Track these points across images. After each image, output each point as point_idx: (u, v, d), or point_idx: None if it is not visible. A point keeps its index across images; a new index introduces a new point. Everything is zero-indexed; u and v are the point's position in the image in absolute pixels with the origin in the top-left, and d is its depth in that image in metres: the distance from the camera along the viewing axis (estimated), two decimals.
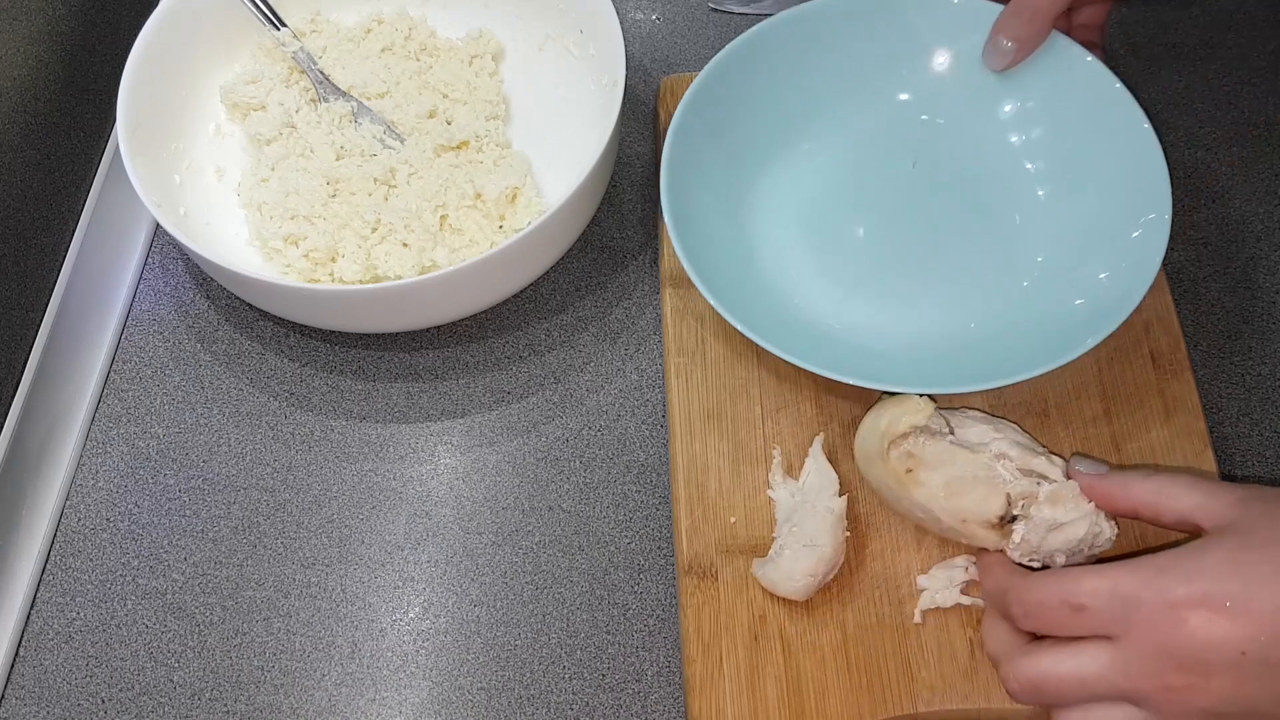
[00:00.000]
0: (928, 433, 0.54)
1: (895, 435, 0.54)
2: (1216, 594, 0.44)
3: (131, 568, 0.62)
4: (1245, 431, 0.63)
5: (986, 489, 0.53)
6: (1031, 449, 0.54)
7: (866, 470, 0.57)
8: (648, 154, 0.74)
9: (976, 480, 0.53)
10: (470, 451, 0.64)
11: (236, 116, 0.73)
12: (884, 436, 0.55)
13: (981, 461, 0.54)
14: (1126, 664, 0.46)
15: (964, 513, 0.53)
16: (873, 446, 0.55)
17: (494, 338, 0.68)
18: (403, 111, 0.71)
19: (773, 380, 0.62)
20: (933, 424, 0.55)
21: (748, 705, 0.54)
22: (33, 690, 0.59)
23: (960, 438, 0.55)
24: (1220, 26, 0.77)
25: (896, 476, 0.54)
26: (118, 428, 0.66)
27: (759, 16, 0.67)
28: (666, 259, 0.67)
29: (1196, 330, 0.65)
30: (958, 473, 0.54)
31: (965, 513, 0.53)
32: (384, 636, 0.59)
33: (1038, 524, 0.52)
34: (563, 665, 0.58)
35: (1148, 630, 0.45)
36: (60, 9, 0.69)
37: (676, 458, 0.60)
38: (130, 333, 0.69)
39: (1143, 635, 0.45)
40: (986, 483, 0.53)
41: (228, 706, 0.58)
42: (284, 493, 0.63)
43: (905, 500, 0.55)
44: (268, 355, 0.68)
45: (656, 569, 0.60)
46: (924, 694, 0.54)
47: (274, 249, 0.67)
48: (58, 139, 0.68)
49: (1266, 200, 0.70)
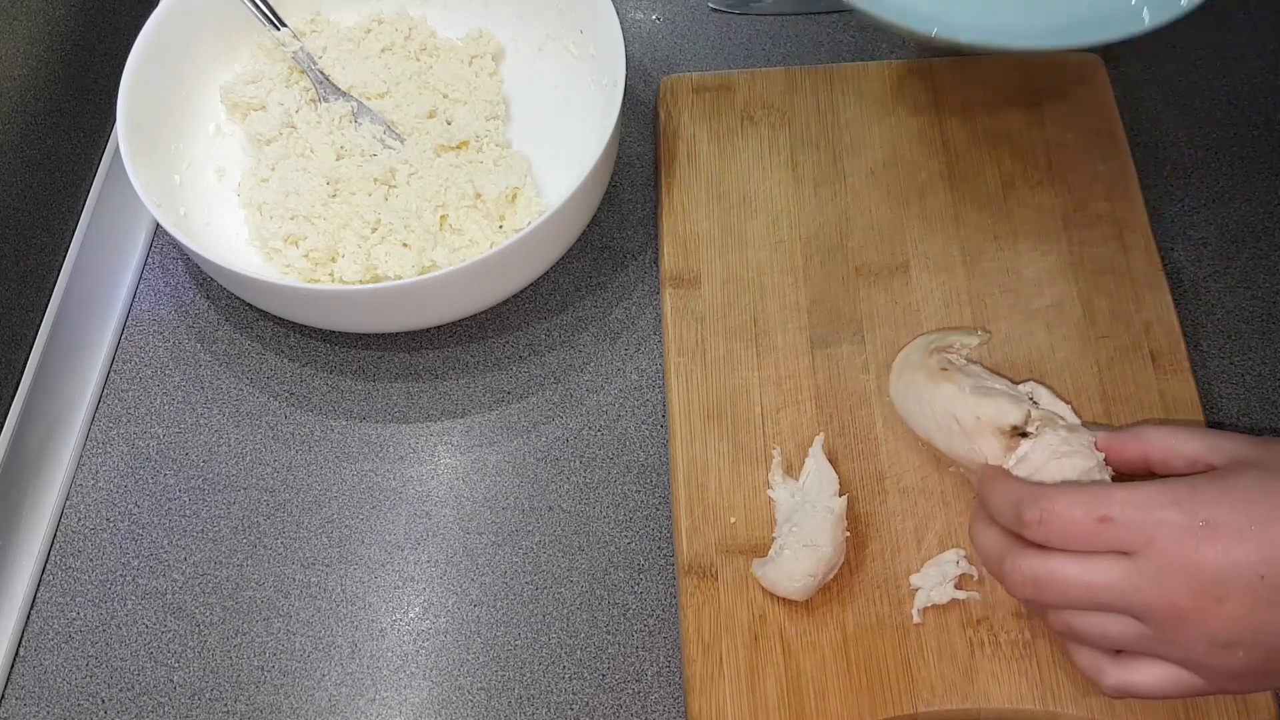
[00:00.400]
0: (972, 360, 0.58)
1: (943, 345, 0.58)
2: (1241, 518, 0.45)
3: (131, 568, 0.62)
4: (1245, 431, 0.63)
5: (1011, 400, 0.55)
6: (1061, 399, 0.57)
7: (898, 377, 0.59)
8: (648, 154, 0.74)
9: (1003, 393, 0.55)
10: (470, 451, 0.64)
11: (236, 116, 0.73)
12: (930, 344, 0.58)
13: (1013, 386, 0.57)
14: (1140, 579, 0.46)
15: (982, 410, 0.54)
16: (915, 353, 0.58)
17: (494, 338, 0.68)
18: (403, 111, 0.71)
19: (773, 380, 0.62)
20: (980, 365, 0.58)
21: (748, 705, 0.54)
22: (33, 690, 0.58)
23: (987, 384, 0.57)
24: (1220, 26, 0.77)
25: (930, 372, 0.56)
26: (118, 428, 0.66)
27: (759, 16, 0.67)
28: (666, 259, 0.67)
29: (1196, 330, 0.65)
30: (988, 384, 0.56)
31: (983, 411, 0.54)
32: (384, 636, 0.59)
33: (1045, 445, 0.53)
34: (563, 665, 0.58)
35: (1169, 548, 0.45)
36: (60, 9, 0.69)
37: (676, 458, 0.60)
38: (130, 333, 0.69)
39: (1162, 553, 0.45)
40: (1012, 398, 0.55)
41: (228, 706, 0.58)
42: (284, 493, 0.63)
43: (928, 396, 0.56)
44: (268, 355, 0.68)
45: (656, 569, 0.60)
46: (924, 694, 0.54)
47: (274, 249, 0.67)
48: (58, 139, 0.68)
49: (1266, 200, 0.70)
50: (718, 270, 0.66)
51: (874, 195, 0.68)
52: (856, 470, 0.59)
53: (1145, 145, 0.72)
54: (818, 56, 0.77)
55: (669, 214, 0.68)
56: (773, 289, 0.65)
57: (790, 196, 0.68)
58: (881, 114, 0.71)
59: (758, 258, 0.66)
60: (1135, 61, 0.75)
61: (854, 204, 0.68)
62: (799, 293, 0.65)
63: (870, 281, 0.65)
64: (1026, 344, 0.62)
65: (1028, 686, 0.54)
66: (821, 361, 0.63)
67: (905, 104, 0.71)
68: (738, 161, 0.70)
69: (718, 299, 0.65)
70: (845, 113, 0.71)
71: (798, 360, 0.63)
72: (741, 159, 0.70)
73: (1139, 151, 0.71)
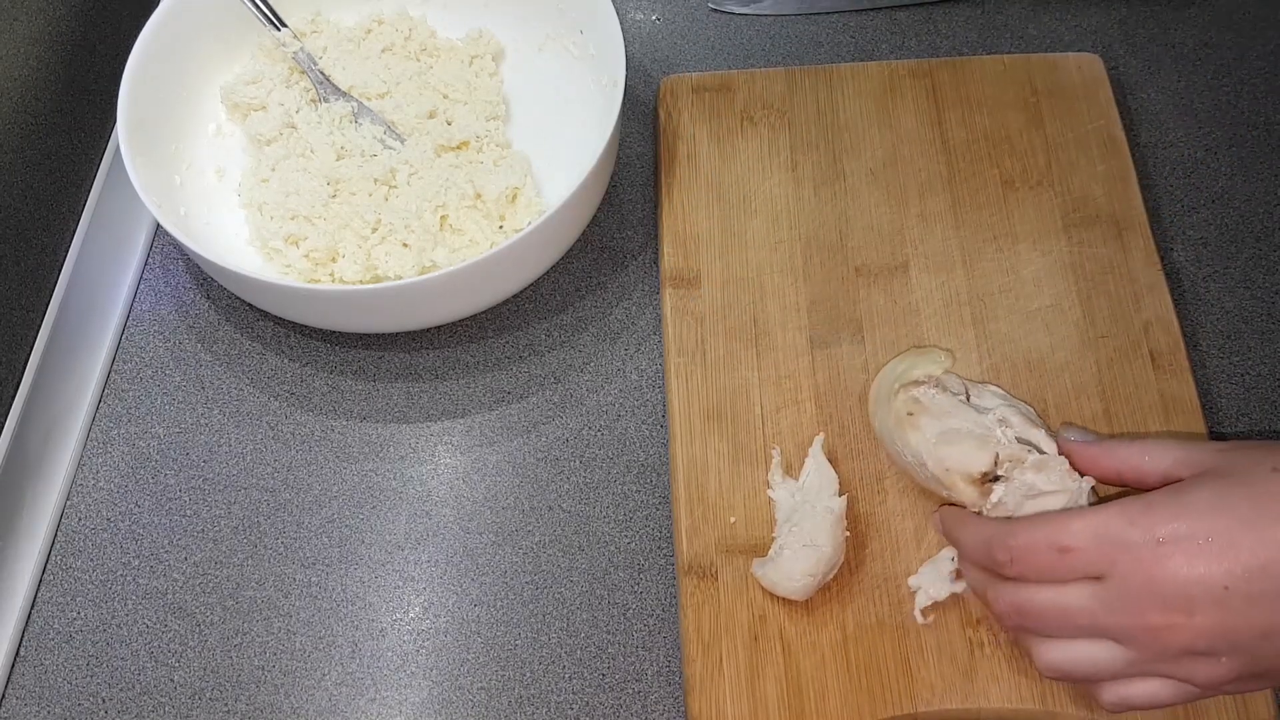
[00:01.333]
0: (940, 387, 0.56)
1: (908, 380, 0.56)
2: (1200, 531, 0.45)
3: (131, 568, 0.62)
4: (1245, 431, 0.63)
5: (977, 444, 0.54)
6: (1035, 423, 0.55)
7: (874, 412, 0.59)
8: (648, 154, 0.74)
9: (970, 435, 0.55)
10: (470, 451, 0.64)
11: (237, 117, 0.73)
12: (898, 379, 0.57)
13: (981, 421, 0.55)
14: (1110, 601, 0.46)
15: (949, 462, 0.54)
16: (885, 388, 0.58)
17: (494, 338, 0.68)
18: (403, 112, 0.71)
19: (773, 380, 0.62)
20: (950, 384, 0.56)
21: (748, 705, 0.54)
22: (33, 690, 0.59)
23: (974, 402, 0.56)
24: (1220, 26, 0.77)
25: (898, 417, 0.56)
26: (118, 428, 0.66)
27: (759, 17, 0.67)
28: (666, 259, 0.67)
29: (1196, 330, 0.65)
30: (954, 425, 0.55)
31: (951, 462, 0.54)
32: (384, 636, 0.59)
33: (1017, 487, 0.53)
34: (563, 665, 0.58)
35: (1132, 568, 0.46)
36: (60, 9, 0.69)
37: (676, 458, 0.60)
38: (130, 333, 0.69)
39: (1127, 573, 0.46)
40: (979, 439, 0.54)
41: (228, 706, 0.58)
42: (284, 493, 0.63)
43: (900, 443, 0.56)
44: (268, 355, 0.68)
45: (656, 569, 0.60)
46: (924, 694, 0.54)
47: (274, 249, 0.67)
48: (58, 139, 0.68)
49: (1266, 200, 0.70)
50: (718, 270, 0.66)
51: (874, 195, 0.68)
52: (856, 470, 0.59)
53: (1145, 145, 0.72)
54: (818, 56, 0.77)
55: (669, 214, 0.68)
56: (772, 289, 0.65)
57: (790, 197, 0.69)
58: (881, 114, 0.71)
59: (758, 258, 0.66)
60: (1135, 61, 0.75)
61: (854, 204, 0.68)
62: (799, 293, 0.65)
63: (870, 281, 0.65)
64: (1026, 344, 0.62)
65: (1027, 686, 0.54)
66: (821, 361, 0.63)
67: (905, 104, 0.71)
68: (737, 162, 0.70)
69: (718, 299, 0.65)
70: (845, 113, 0.71)
71: (797, 360, 0.63)
72: (741, 159, 0.70)
73: (1139, 151, 0.71)
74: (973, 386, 0.58)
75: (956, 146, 0.70)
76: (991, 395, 0.57)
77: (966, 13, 0.79)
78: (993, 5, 0.79)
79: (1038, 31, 0.78)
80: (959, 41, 0.77)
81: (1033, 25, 0.78)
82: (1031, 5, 0.79)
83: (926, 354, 0.60)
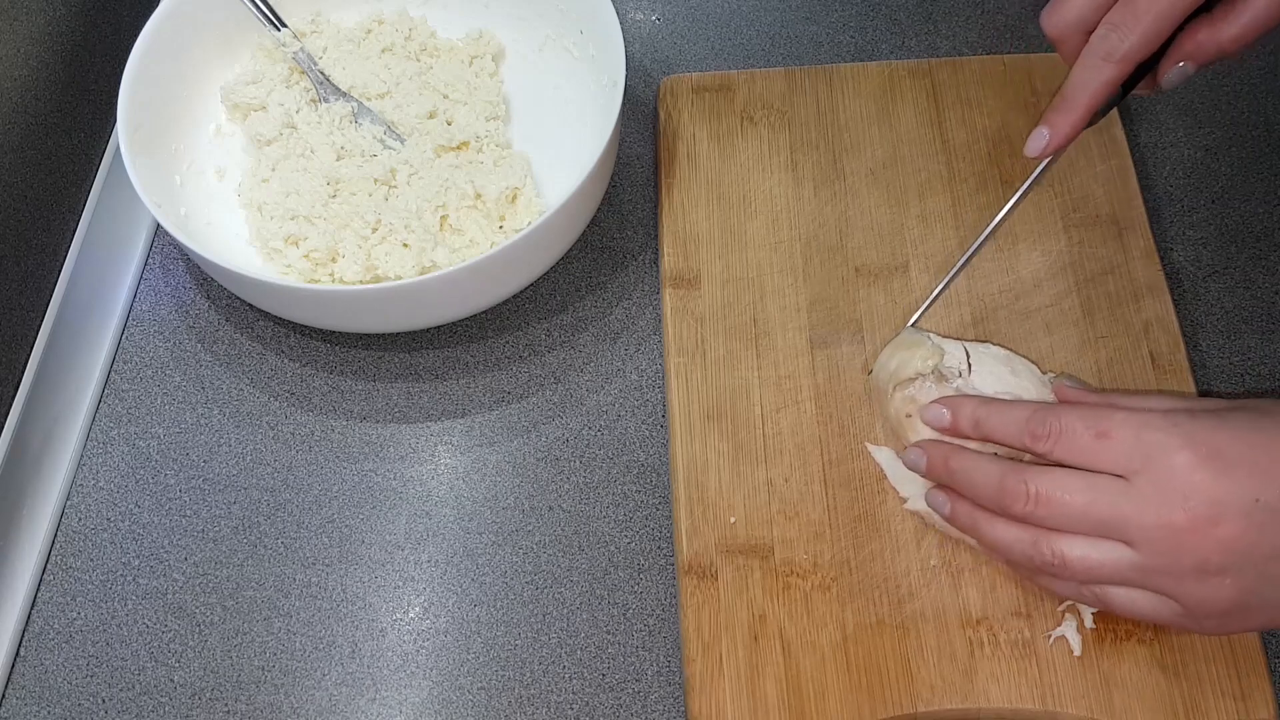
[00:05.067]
0: (937, 375, 0.57)
1: (901, 379, 0.56)
2: (1239, 446, 0.46)
3: (132, 568, 0.62)
4: None
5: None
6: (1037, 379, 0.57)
7: (876, 401, 0.60)
8: (648, 154, 0.74)
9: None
10: (470, 451, 0.64)
11: (237, 117, 0.73)
12: (892, 378, 0.58)
13: None
14: (1138, 499, 0.46)
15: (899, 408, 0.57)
16: (883, 384, 0.59)
17: (494, 338, 0.68)
18: (403, 112, 0.71)
19: (773, 380, 0.62)
20: (946, 366, 0.57)
21: (748, 705, 0.54)
22: (33, 690, 0.59)
23: (972, 383, 0.57)
24: None
25: (898, 419, 0.57)
26: (118, 428, 0.66)
27: (759, 16, 0.67)
28: (666, 259, 0.67)
29: (1196, 330, 0.65)
30: None
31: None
32: (384, 636, 0.59)
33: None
34: (563, 665, 0.58)
35: (1166, 469, 0.46)
36: (60, 9, 0.69)
37: (676, 458, 0.60)
38: (130, 333, 0.69)
39: (1160, 473, 0.46)
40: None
41: (228, 706, 0.58)
42: (284, 493, 0.63)
43: (902, 439, 0.57)
44: (268, 355, 0.68)
45: (656, 569, 0.60)
46: (924, 694, 0.54)
47: (274, 249, 0.67)
48: (58, 139, 0.68)
49: (1266, 200, 0.70)
50: (718, 270, 0.66)
51: (874, 195, 0.68)
52: (856, 470, 0.59)
53: (1145, 145, 0.72)
54: (818, 57, 0.77)
55: (669, 214, 0.68)
56: (772, 289, 0.65)
57: (790, 197, 0.69)
58: (881, 114, 0.71)
59: (757, 258, 0.66)
60: None
61: (854, 204, 0.68)
62: (799, 293, 0.65)
63: (870, 281, 0.65)
64: (1026, 344, 0.62)
65: (1027, 686, 0.54)
66: (821, 361, 0.63)
67: (905, 104, 0.71)
68: (737, 162, 0.70)
69: (718, 299, 0.65)
70: (845, 113, 0.71)
71: (797, 360, 0.63)
72: (741, 159, 0.70)
73: (1139, 151, 0.71)
74: (973, 350, 0.58)
75: (956, 146, 0.70)
76: (991, 360, 0.58)
77: (966, 13, 0.79)
78: (993, 5, 0.79)
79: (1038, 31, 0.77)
80: (959, 41, 0.77)
81: (1033, 25, 0.77)
82: (1032, 5, 0.79)
83: (915, 348, 0.59)
